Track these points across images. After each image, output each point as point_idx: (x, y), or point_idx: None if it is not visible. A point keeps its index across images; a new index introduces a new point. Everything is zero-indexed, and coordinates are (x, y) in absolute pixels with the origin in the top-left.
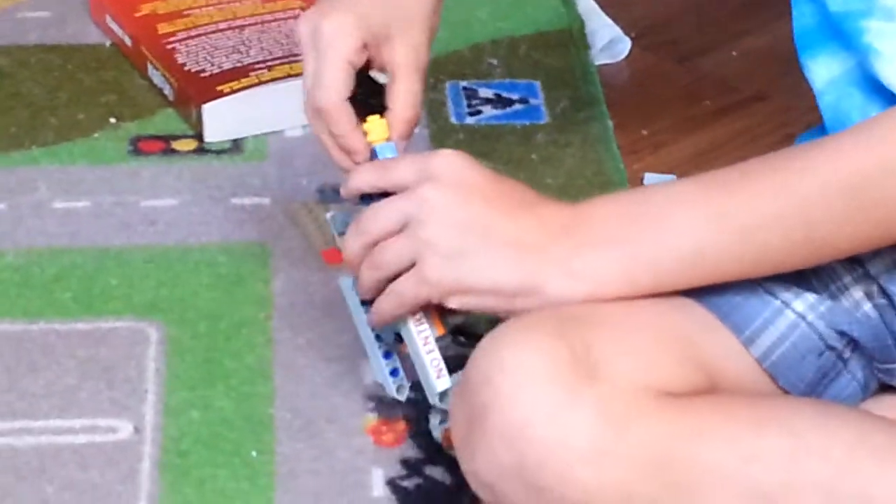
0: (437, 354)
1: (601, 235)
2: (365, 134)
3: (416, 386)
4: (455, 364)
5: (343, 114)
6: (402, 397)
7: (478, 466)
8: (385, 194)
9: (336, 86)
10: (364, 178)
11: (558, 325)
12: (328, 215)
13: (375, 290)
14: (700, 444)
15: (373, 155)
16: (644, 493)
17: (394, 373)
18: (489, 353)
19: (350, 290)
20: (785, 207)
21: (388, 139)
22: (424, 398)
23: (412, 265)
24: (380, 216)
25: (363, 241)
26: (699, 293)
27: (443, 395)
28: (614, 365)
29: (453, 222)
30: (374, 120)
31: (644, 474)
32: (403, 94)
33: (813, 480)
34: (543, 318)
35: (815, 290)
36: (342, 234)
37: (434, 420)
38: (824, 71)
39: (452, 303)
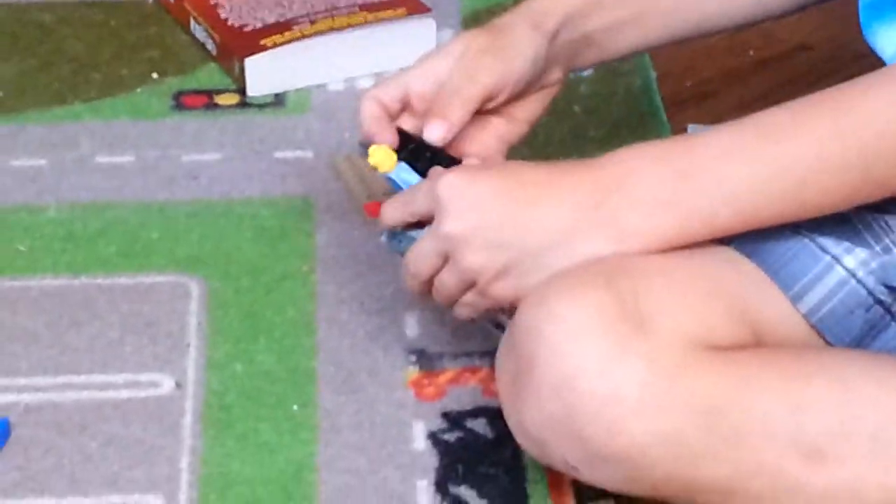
0: None
1: (652, 196)
2: (375, 168)
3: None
4: None
5: (367, 107)
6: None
7: (524, 418)
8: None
9: (397, 83)
10: (391, 216)
11: (608, 277)
12: (382, 238)
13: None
14: (749, 394)
15: (391, 182)
16: (693, 443)
17: None
18: (537, 303)
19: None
20: (844, 151)
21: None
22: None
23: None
24: (420, 260)
25: (419, 280)
26: (749, 247)
27: None
28: (663, 317)
29: (484, 244)
30: (376, 150)
31: (693, 425)
32: (445, 95)
33: (862, 428)
34: (593, 269)
35: (867, 244)
36: (402, 254)
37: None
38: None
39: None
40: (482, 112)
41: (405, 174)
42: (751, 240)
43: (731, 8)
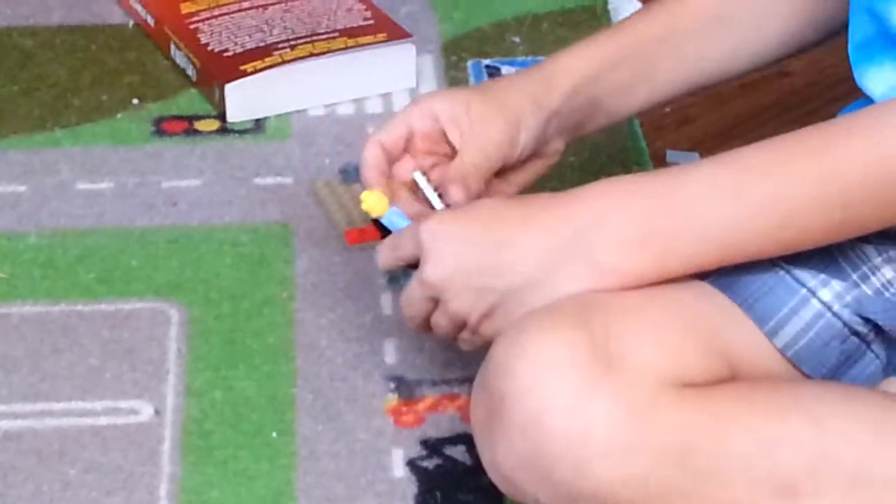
0: None
1: (629, 234)
2: (368, 213)
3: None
4: None
5: (369, 154)
6: None
7: (496, 456)
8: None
9: (396, 126)
10: (383, 261)
11: (580, 314)
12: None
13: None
14: (722, 431)
15: (379, 224)
16: (663, 482)
17: None
18: (510, 340)
19: None
20: (826, 193)
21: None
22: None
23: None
24: (411, 305)
25: (417, 321)
26: (722, 281)
27: None
28: (635, 355)
29: (466, 288)
30: (368, 195)
31: (664, 464)
32: (462, 153)
33: (837, 466)
34: (565, 306)
35: (843, 275)
36: None
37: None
38: (886, 78)
39: None
40: None
41: (396, 218)
42: (725, 273)
43: (731, 60)
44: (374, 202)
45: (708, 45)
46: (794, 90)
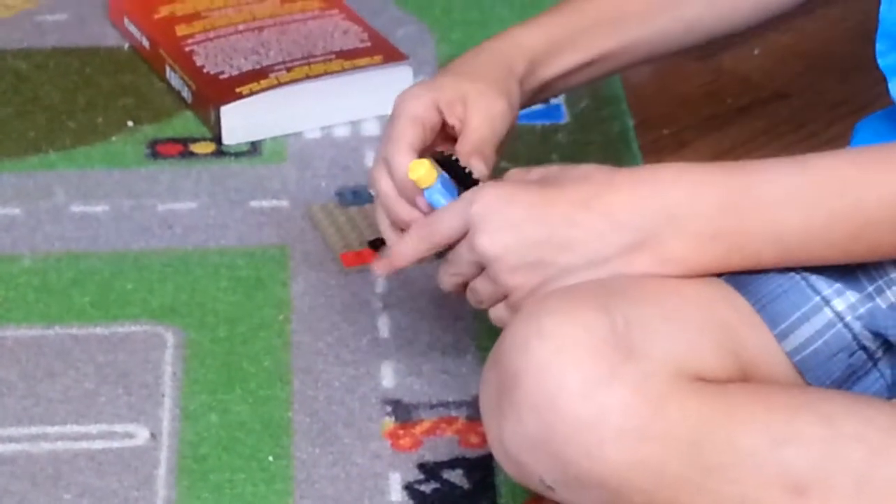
0: None
1: (700, 227)
2: (416, 183)
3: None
4: None
5: (399, 156)
6: None
7: (504, 434)
8: None
9: (401, 135)
10: (413, 249)
11: (602, 298)
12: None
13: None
14: (734, 427)
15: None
16: (674, 473)
17: None
18: (528, 318)
19: None
20: None
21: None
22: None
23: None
24: (456, 266)
25: (454, 284)
26: (738, 279)
27: None
28: (652, 346)
29: (520, 263)
30: (416, 164)
31: (676, 455)
32: (469, 126)
33: (846, 466)
34: (587, 289)
35: (859, 286)
36: None
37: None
38: None
39: None
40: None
41: (437, 195)
42: (744, 272)
43: (666, 42)
44: (424, 173)
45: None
46: (792, 112)
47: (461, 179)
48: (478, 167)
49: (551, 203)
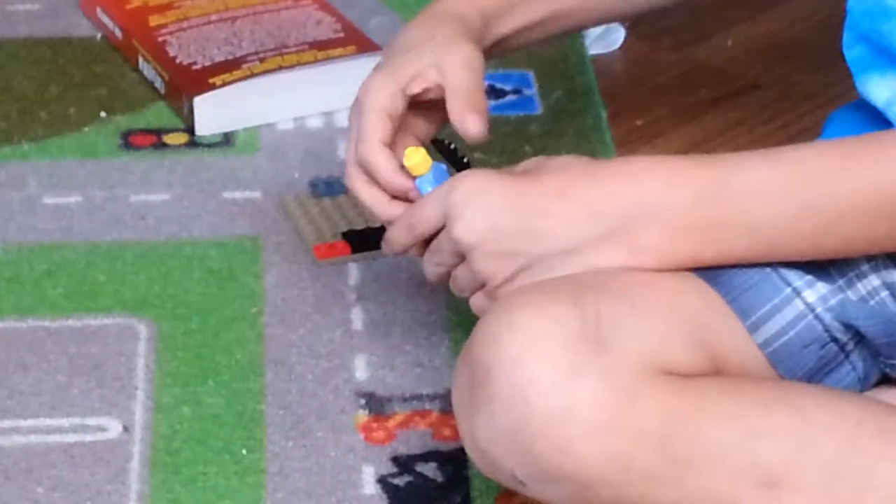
0: None
1: (673, 219)
2: (410, 171)
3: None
4: None
5: (382, 158)
6: None
7: (475, 429)
8: None
9: (373, 133)
10: (398, 241)
11: (573, 292)
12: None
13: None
14: (705, 419)
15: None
16: (645, 467)
17: None
18: (501, 313)
19: None
20: (879, 203)
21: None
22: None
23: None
24: (437, 255)
25: (438, 274)
26: (709, 272)
27: None
28: (623, 339)
29: (494, 251)
30: (412, 152)
31: (645, 448)
32: (457, 88)
33: (819, 458)
34: (559, 283)
35: (830, 278)
36: None
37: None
38: (884, 91)
39: None
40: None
41: (428, 185)
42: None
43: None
44: (419, 160)
45: None
46: (765, 104)
47: (458, 166)
48: (474, 123)
49: (526, 192)
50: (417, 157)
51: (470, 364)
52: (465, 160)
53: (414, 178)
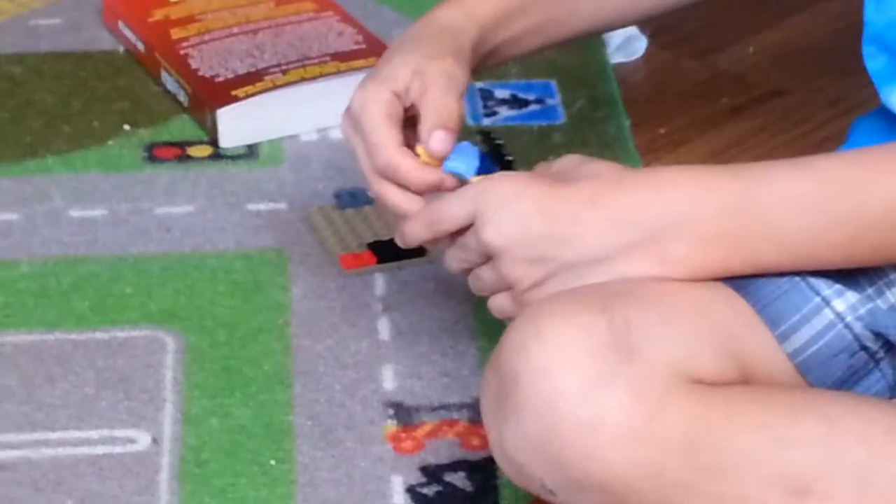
0: None
1: (702, 229)
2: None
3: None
4: None
5: (405, 160)
6: None
7: (504, 437)
8: None
9: (386, 139)
10: (416, 235)
11: (601, 300)
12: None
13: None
14: (734, 428)
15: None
16: (673, 475)
17: None
18: (528, 321)
19: None
20: None
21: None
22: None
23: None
24: (462, 253)
25: (461, 266)
26: (738, 281)
27: None
28: (652, 348)
29: (524, 257)
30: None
31: (675, 457)
32: (432, 104)
33: (848, 465)
34: (587, 291)
35: (859, 287)
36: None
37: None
38: None
39: None
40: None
41: (459, 164)
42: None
43: (620, 9)
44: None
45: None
46: (788, 111)
47: (500, 162)
48: (438, 140)
49: (558, 199)
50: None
51: (498, 373)
52: (509, 158)
53: (438, 167)
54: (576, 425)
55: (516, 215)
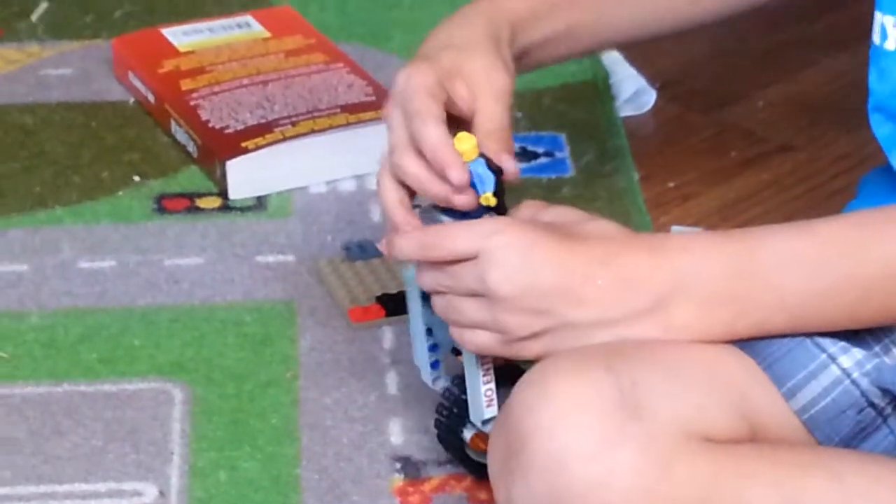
0: (492, 383)
1: (707, 295)
2: (461, 155)
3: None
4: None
5: (441, 133)
6: (438, 388)
7: (512, 498)
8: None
9: (427, 111)
10: (404, 252)
11: (608, 359)
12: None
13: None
14: (744, 485)
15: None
16: None
17: (434, 365)
18: (535, 381)
19: (411, 282)
20: None
21: (479, 156)
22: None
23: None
24: (455, 284)
25: (435, 288)
26: (746, 341)
27: (486, 422)
28: (660, 406)
29: (527, 308)
30: (465, 137)
31: None
32: (483, 112)
33: None
34: (593, 351)
35: (865, 344)
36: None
37: (468, 433)
38: None
39: None
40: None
41: (481, 169)
42: None
43: (648, 20)
44: (470, 147)
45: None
46: (796, 166)
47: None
48: (510, 167)
49: (572, 254)
50: (469, 144)
51: (506, 432)
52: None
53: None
54: (585, 484)
55: (528, 266)
